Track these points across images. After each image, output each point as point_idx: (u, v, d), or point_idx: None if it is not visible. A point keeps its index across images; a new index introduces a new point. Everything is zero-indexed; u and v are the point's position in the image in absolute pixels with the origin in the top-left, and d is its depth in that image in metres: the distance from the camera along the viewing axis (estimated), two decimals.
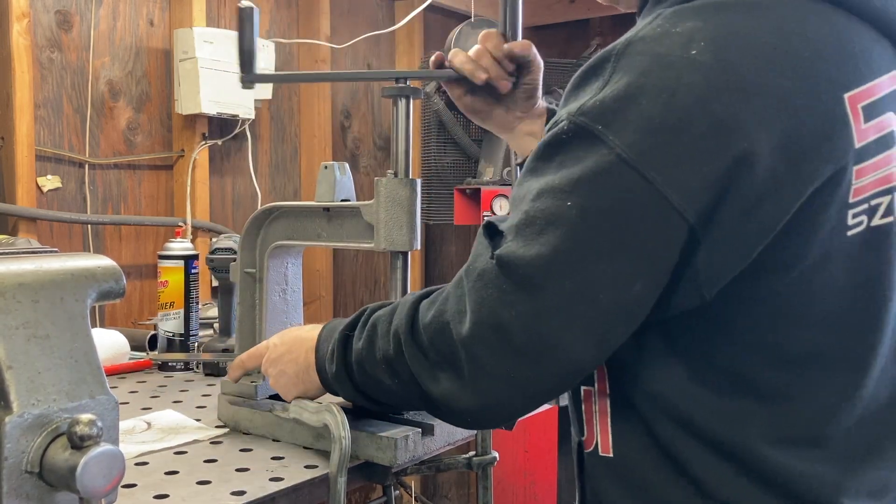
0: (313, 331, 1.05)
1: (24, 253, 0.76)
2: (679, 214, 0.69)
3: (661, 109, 0.70)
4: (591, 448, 0.84)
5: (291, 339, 1.08)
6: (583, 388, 0.86)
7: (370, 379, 0.92)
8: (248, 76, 1.12)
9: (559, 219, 0.72)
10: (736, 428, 0.76)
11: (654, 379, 0.78)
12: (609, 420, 0.82)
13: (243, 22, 1.10)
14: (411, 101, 1.15)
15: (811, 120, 0.70)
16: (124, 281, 0.78)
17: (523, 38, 1.13)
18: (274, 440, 1.18)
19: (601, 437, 0.83)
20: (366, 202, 1.15)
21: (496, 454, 1.22)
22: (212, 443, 1.18)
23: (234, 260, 1.28)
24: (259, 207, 1.58)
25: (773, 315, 0.74)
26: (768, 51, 0.71)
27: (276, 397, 1.27)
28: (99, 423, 0.67)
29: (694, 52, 0.71)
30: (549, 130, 0.77)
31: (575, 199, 0.72)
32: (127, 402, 1.40)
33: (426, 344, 0.82)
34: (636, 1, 0.91)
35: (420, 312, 0.85)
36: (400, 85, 1.14)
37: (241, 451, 1.14)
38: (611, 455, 0.82)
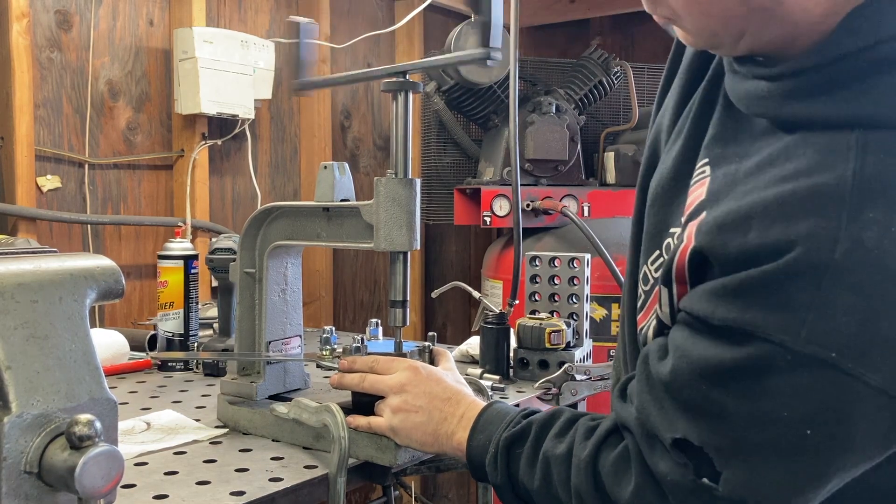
0: (459, 425, 1.02)
1: (22, 253, 0.76)
2: None
3: None
4: None
5: (440, 401, 1.06)
6: None
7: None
8: (300, 83, 1.25)
9: (797, 449, 0.71)
10: None
11: None
12: None
13: (301, 35, 1.24)
14: (410, 95, 1.15)
15: None
16: (123, 281, 0.78)
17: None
18: (273, 440, 1.18)
19: None
20: (365, 202, 1.15)
21: None
22: (211, 443, 1.18)
23: (234, 260, 1.28)
24: (259, 207, 1.58)
25: None
26: None
27: (275, 398, 1.27)
28: (98, 424, 0.67)
29: None
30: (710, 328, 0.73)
31: (816, 429, 0.69)
32: (126, 403, 1.40)
33: None
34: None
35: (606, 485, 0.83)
36: (399, 79, 1.14)
37: (241, 451, 1.14)
38: None
